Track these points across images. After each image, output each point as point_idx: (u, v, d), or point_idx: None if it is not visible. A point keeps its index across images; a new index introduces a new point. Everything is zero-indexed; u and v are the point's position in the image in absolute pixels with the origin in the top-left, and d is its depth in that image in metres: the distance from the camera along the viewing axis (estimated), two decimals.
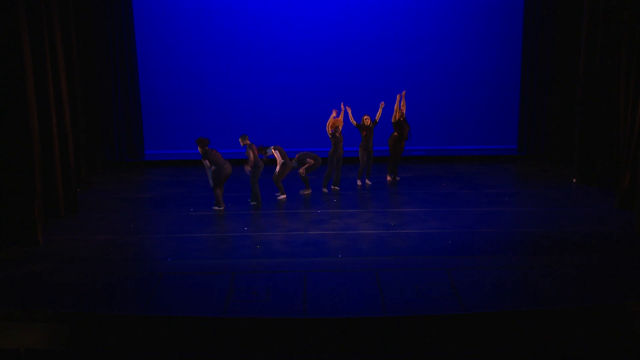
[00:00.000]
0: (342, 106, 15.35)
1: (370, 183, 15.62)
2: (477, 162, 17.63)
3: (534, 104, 17.76)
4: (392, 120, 15.66)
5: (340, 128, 15.02)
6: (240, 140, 14.03)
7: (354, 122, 15.38)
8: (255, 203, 14.21)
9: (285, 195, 14.57)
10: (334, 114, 14.97)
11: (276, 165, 14.37)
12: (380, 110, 15.38)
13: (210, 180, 13.75)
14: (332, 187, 15.26)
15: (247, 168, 14.02)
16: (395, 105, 15.59)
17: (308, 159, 14.55)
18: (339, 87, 18.44)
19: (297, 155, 14.70)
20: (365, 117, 15.30)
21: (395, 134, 15.67)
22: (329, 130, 14.97)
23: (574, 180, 15.68)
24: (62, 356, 8.45)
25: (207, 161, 13.64)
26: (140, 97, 18.02)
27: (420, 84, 18.43)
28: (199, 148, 13.70)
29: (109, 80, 17.45)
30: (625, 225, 12.79)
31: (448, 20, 18.23)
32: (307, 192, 14.83)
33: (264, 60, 18.35)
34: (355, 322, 9.39)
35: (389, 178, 15.95)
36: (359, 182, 15.63)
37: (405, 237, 12.46)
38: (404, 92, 15.69)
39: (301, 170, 14.58)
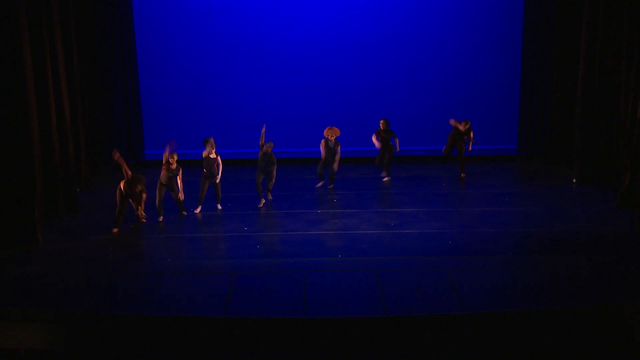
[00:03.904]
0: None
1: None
2: (477, 162, 17.63)
3: (534, 104, 17.76)
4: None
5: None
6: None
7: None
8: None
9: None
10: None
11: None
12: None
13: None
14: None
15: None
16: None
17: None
18: (339, 87, 18.44)
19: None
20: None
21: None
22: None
23: (574, 180, 15.69)
24: (62, 356, 8.45)
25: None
26: (140, 97, 18.03)
27: (420, 84, 18.43)
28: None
29: (109, 80, 17.45)
30: (625, 225, 12.79)
31: (448, 20, 18.24)
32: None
33: (264, 60, 18.35)
34: (355, 322, 9.39)
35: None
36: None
37: (405, 237, 12.46)
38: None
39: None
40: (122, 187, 12.92)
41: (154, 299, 10.20)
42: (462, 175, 16.09)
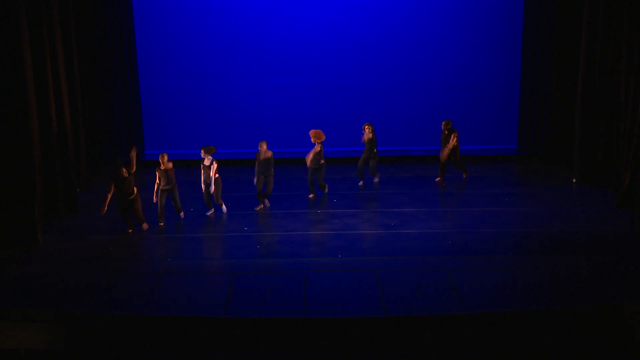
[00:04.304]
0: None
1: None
2: (477, 162, 17.62)
3: (534, 104, 17.75)
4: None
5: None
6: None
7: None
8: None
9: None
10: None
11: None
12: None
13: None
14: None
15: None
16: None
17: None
18: (339, 87, 18.44)
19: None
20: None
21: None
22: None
23: (574, 180, 15.69)
24: (62, 356, 8.45)
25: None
26: (140, 97, 18.02)
27: (420, 84, 18.42)
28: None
29: (109, 80, 17.45)
30: (625, 225, 12.79)
31: (448, 20, 18.23)
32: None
33: (264, 60, 18.34)
34: (355, 322, 9.40)
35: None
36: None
37: (405, 237, 12.46)
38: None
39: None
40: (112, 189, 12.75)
41: (154, 299, 10.20)
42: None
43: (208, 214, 13.76)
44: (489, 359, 8.36)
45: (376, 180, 15.77)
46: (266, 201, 14.22)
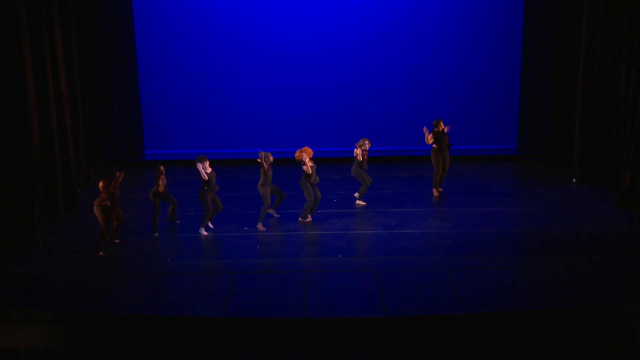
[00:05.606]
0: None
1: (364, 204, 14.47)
2: (477, 162, 17.63)
3: (534, 104, 17.75)
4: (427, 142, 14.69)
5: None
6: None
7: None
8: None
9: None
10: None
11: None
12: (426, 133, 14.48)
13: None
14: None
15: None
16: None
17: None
18: (339, 87, 18.43)
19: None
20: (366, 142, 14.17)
21: (435, 146, 14.69)
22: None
23: (574, 180, 15.69)
24: (62, 356, 8.45)
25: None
26: (140, 97, 18.02)
27: (420, 83, 18.42)
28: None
29: (109, 80, 17.45)
30: (625, 225, 12.79)
31: (448, 20, 18.23)
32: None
33: (264, 60, 18.34)
34: (355, 322, 9.40)
35: (435, 193, 14.85)
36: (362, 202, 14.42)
37: (405, 237, 12.46)
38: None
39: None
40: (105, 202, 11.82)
41: (154, 299, 10.20)
42: (440, 190, 15.01)
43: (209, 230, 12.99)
44: (489, 359, 8.36)
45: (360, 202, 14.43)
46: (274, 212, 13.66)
